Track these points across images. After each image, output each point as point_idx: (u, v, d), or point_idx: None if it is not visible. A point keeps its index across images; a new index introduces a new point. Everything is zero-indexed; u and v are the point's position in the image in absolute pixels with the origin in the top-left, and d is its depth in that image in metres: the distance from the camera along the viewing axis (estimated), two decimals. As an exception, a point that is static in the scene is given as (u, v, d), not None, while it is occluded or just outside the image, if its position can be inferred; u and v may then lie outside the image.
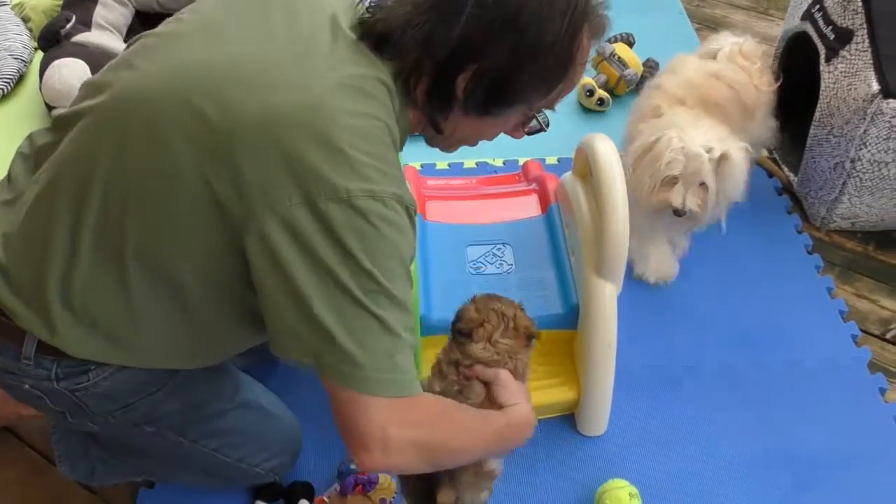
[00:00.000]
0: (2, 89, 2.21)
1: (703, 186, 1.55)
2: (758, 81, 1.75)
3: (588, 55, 1.07)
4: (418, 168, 1.92)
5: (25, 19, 2.41)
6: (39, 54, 2.23)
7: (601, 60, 2.24)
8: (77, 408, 1.09)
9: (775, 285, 1.77)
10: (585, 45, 1.04)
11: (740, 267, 1.81)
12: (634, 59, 2.26)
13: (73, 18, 2.17)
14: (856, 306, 1.76)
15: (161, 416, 1.16)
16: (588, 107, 2.24)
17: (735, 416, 1.52)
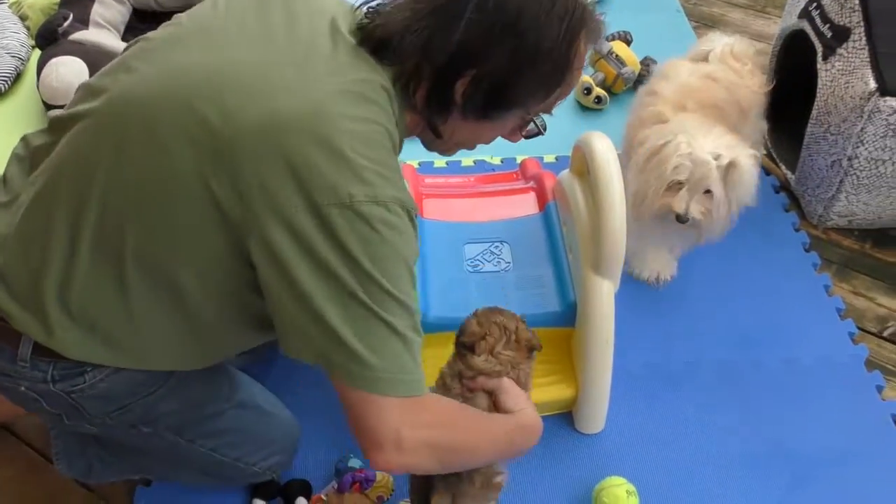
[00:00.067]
0: (-1, 87, 2.21)
1: (708, 194, 1.53)
2: (749, 83, 1.74)
3: (584, 60, 1.08)
4: (416, 166, 1.92)
5: (23, 17, 2.41)
6: (37, 52, 2.23)
7: (599, 58, 2.23)
8: (73, 410, 1.09)
9: (772, 283, 1.77)
10: (582, 50, 1.05)
11: (737, 265, 1.81)
12: (632, 57, 2.25)
13: (71, 16, 2.17)
14: (853, 304, 1.76)
15: (158, 417, 1.15)
16: (585, 105, 2.24)
17: (732, 414, 1.53)
